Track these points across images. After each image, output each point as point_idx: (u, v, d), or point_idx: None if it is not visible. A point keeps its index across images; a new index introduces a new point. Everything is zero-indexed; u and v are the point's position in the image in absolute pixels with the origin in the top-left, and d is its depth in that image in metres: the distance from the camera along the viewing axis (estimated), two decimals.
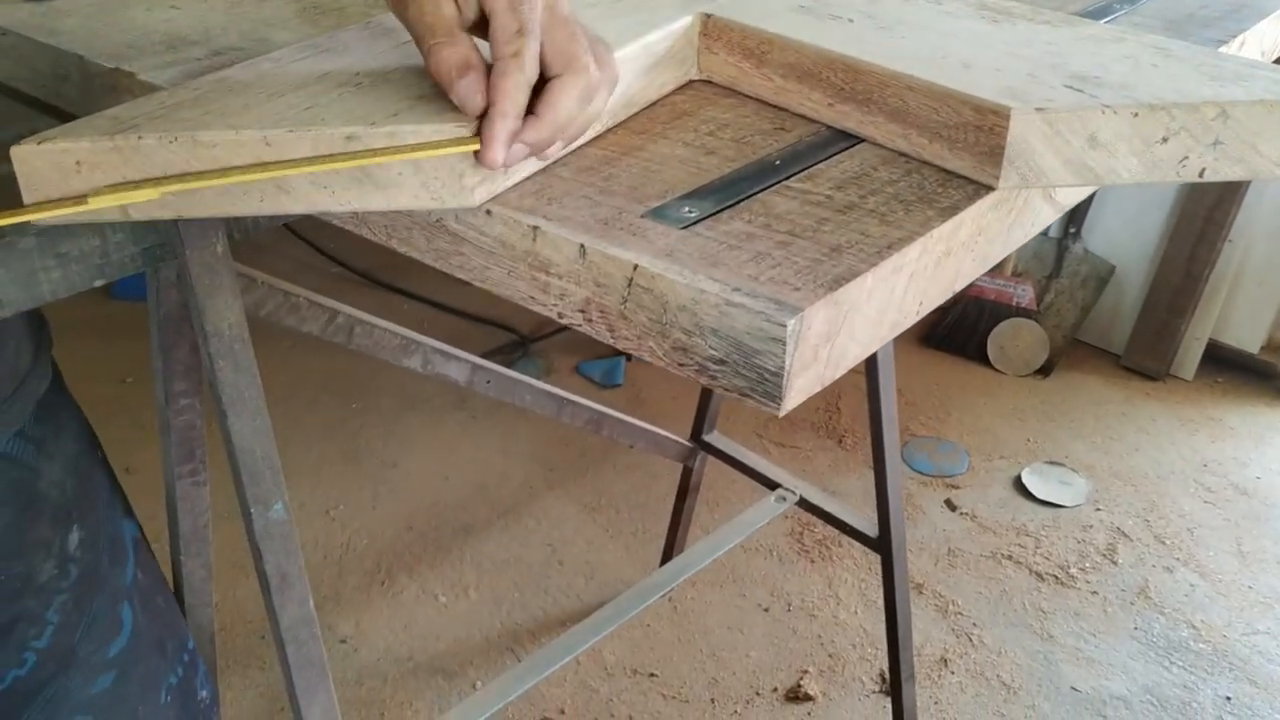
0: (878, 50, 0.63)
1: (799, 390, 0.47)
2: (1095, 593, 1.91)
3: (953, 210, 0.54)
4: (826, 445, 2.26)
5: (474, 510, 2.07)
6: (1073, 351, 2.57)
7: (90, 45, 0.81)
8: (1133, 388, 2.49)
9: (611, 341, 0.52)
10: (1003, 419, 2.36)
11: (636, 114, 0.67)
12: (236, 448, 0.75)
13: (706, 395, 1.62)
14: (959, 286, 0.57)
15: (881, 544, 1.42)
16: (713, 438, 1.64)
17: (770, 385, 0.46)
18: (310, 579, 0.81)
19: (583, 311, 0.53)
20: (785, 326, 0.45)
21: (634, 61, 0.64)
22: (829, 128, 0.64)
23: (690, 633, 1.81)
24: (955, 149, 0.58)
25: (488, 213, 0.55)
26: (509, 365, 2.08)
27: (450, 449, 2.23)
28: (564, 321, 0.54)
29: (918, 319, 0.55)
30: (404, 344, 1.01)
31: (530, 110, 0.53)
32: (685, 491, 1.75)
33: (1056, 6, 0.80)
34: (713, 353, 0.48)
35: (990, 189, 0.57)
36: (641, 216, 0.54)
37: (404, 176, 0.53)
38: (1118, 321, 2.56)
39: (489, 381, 1.15)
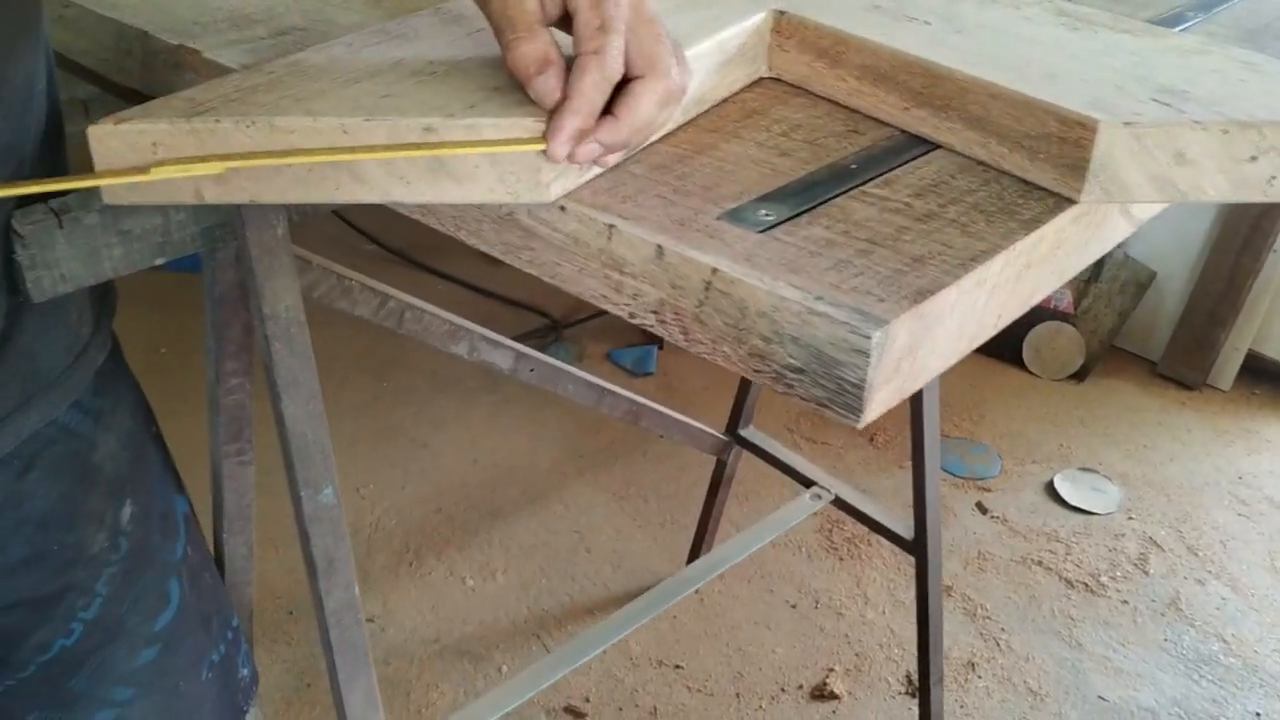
0: (958, 55, 0.62)
1: (879, 403, 0.46)
2: (1125, 602, 1.90)
3: (1035, 223, 0.54)
4: (858, 442, 2.25)
5: (503, 494, 2.07)
6: (1109, 357, 2.54)
7: (154, 20, 0.81)
8: (1168, 396, 2.46)
9: (685, 344, 0.51)
10: (1036, 423, 2.34)
11: (706, 111, 0.66)
12: (289, 431, 0.75)
13: (744, 390, 1.61)
14: (1036, 300, 0.56)
15: (917, 547, 1.41)
16: (748, 432, 1.63)
17: (851, 397, 0.46)
18: None
19: (656, 312, 0.52)
20: (870, 338, 0.44)
21: (708, 58, 0.64)
22: (903, 132, 0.63)
23: (717, 626, 1.81)
24: (1036, 160, 0.57)
25: (561, 209, 0.54)
26: (541, 350, 2.08)
27: (480, 431, 2.23)
28: (635, 321, 0.53)
29: (995, 332, 0.54)
30: (452, 330, 1.01)
31: (609, 110, 0.53)
32: (717, 484, 1.74)
33: (1128, 13, 0.79)
34: (791, 361, 0.47)
35: (1071, 202, 0.56)
36: (718, 218, 0.53)
37: (480, 170, 0.53)
38: (1156, 329, 2.54)
39: (532, 370, 1.14)
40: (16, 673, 0.74)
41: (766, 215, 0.53)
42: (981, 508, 2.09)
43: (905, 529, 1.44)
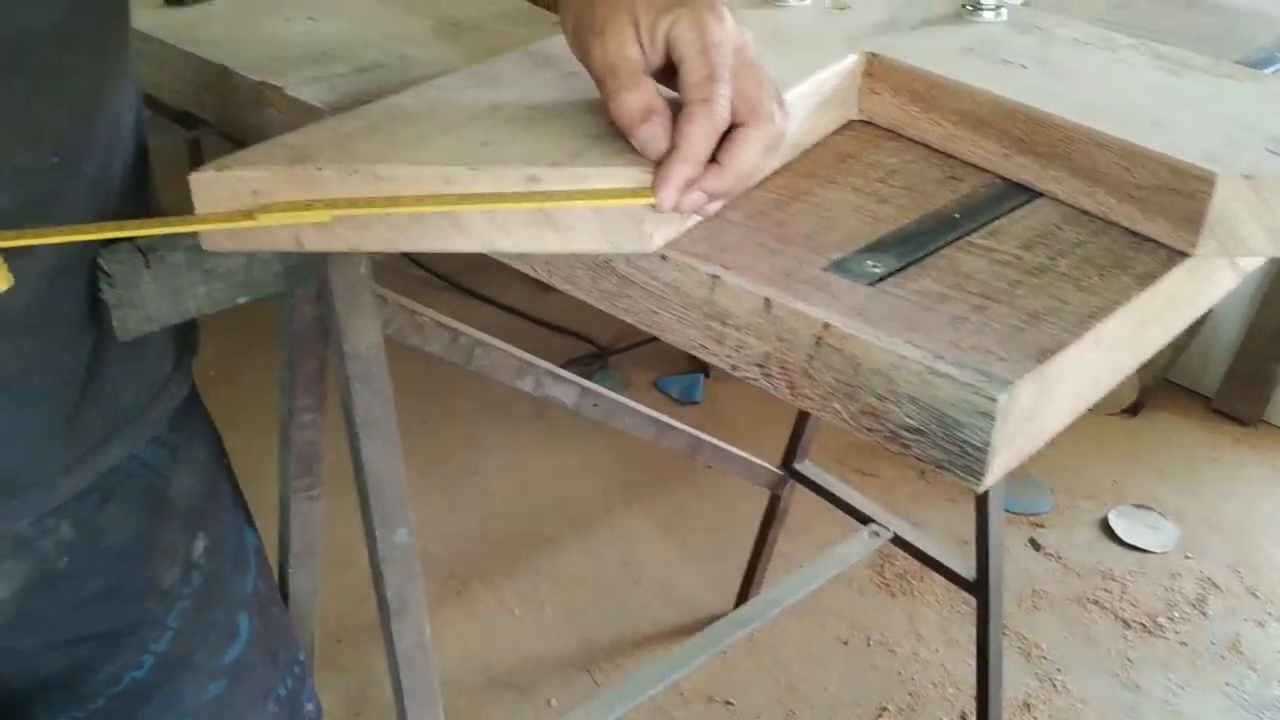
0: (1059, 101, 0.60)
1: (1000, 465, 0.45)
2: (1184, 644, 1.86)
3: (1150, 278, 0.52)
4: (908, 476, 2.22)
5: (550, 523, 2.06)
6: (1162, 392, 2.50)
7: (234, 56, 0.81)
8: (1223, 432, 2.42)
9: (791, 400, 0.50)
10: (1089, 458, 2.30)
11: (799, 155, 0.65)
12: (367, 470, 0.75)
13: (800, 423, 1.59)
14: (1145, 357, 0.55)
15: (978, 588, 1.38)
16: (804, 467, 1.61)
17: (972, 460, 0.44)
18: None
19: (760, 366, 0.51)
20: (996, 400, 0.43)
21: (804, 101, 0.63)
22: (1002, 178, 0.62)
23: (767, 662, 1.78)
24: (1148, 211, 0.55)
25: (663, 258, 0.53)
26: (586, 377, 2.07)
27: (528, 459, 2.22)
28: (738, 374, 0.52)
29: (1106, 391, 0.52)
30: (520, 366, 1.01)
31: (712, 158, 0.52)
32: (771, 519, 1.72)
33: (1217, 53, 0.77)
34: (908, 421, 0.46)
35: (1184, 255, 0.54)
36: (824, 269, 0.52)
37: (584, 220, 0.52)
38: (1211, 363, 2.50)
39: (595, 405, 1.14)
40: (87, 704, 0.74)
41: (874, 267, 0.52)
42: (1035, 544, 2.06)
43: (964, 568, 1.42)
